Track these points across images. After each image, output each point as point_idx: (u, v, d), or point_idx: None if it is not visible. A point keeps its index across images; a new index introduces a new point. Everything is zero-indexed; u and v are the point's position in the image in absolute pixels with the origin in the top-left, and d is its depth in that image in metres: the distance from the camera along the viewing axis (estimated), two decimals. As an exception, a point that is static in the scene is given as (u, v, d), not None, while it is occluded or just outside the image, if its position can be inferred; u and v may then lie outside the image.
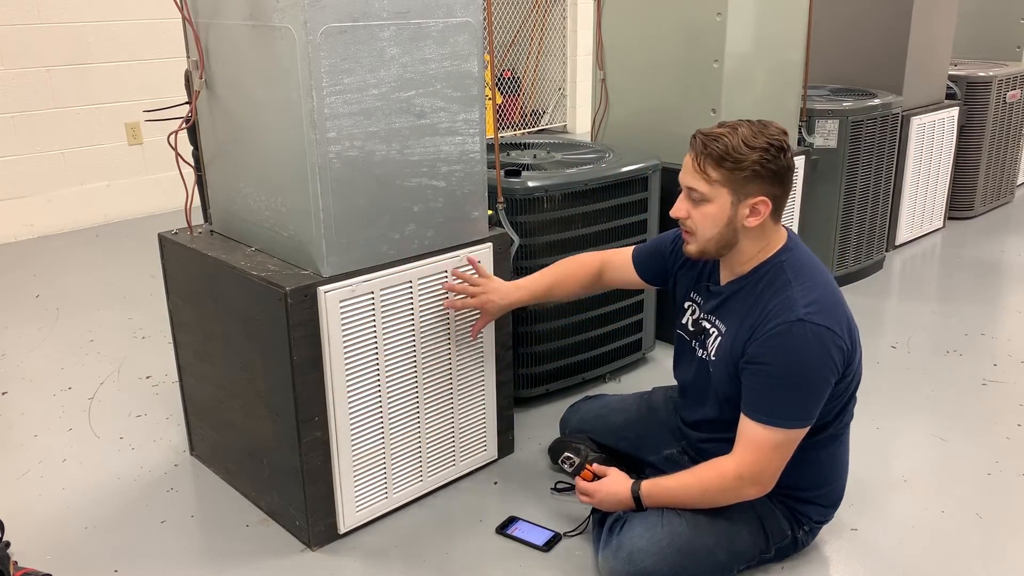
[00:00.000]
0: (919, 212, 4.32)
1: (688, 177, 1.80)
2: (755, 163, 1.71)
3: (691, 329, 2.00)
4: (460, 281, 2.11)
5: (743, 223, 1.77)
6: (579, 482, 2.01)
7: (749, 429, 1.77)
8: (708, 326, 1.93)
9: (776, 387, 1.74)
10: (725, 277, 1.91)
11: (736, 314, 1.85)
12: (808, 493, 1.93)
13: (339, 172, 1.90)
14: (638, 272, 2.15)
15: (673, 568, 1.81)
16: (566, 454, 2.19)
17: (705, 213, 1.79)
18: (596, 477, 2.01)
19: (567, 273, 2.20)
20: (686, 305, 2.04)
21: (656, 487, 1.89)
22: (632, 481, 1.93)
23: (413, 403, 2.14)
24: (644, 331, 2.95)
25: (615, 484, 1.95)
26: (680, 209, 1.84)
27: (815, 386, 1.74)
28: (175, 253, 2.28)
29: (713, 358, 1.90)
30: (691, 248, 1.87)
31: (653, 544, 1.82)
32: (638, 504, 1.90)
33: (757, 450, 1.77)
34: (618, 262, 2.18)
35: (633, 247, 2.19)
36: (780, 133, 1.76)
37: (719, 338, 1.89)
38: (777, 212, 1.81)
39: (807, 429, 1.78)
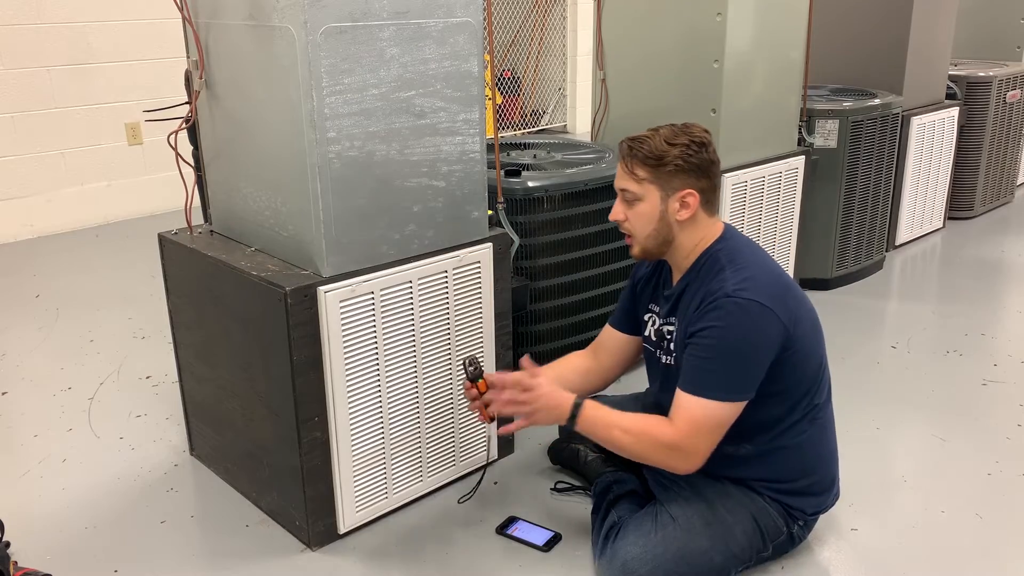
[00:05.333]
0: (919, 212, 4.32)
1: (620, 180, 1.91)
2: (677, 158, 1.83)
3: (654, 339, 2.03)
4: (505, 391, 1.87)
5: (675, 217, 1.87)
6: (518, 398, 1.83)
7: (685, 402, 1.78)
8: (668, 328, 1.96)
9: (708, 360, 1.78)
10: (675, 278, 1.97)
11: (685, 308, 1.90)
12: (796, 484, 1.92)
13: (339, 172, 1.90)
14: (617, 328, 2.14)
15: (669, 575, 1.81)
16: (470, 357, 1.99)
17: (639, 212, 1.89)
18: (481, 393, 1.94)
19: (563, 372, 2.12)
20: (646, 317, 2.07)
21: (596, 414, 1.82)
22: (575, 397, 1.84)
23: (413, 403, 2.14)
24: (644, 331, 2.95)
25: (557, 396, 1.84)
26: (617, 212, 1.94)
27: (746, 358, 1.77)
28: (175, 253, 2.28)
29: (675, 354, 1.93)
30: (634, 250, 1.95)
31: (647, 552, 1.82)
32: (571, 421, 1.82)
33: (693, 424, 1.77)
34: (602, 336, 2.18)
35: None
36: (702, 132, 1.89)
37: (676, 334, 1.92)
38: (708, 205, 1.90)
39: (742, 405, 1.79)
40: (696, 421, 1.77)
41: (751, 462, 1.91)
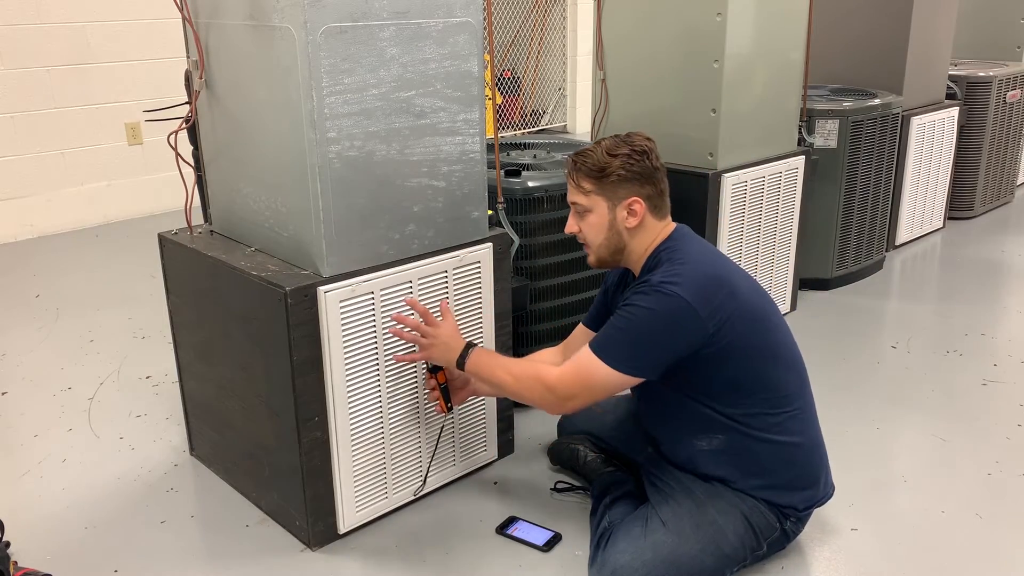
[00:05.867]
0: (919, 212, 4.32)
1: (570, 194, 1.98)
2: (619, 168, 1.89)
3: None
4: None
5: (624, 225, 1.93)
6: (421, 328, 2.02)
7: (583, 354, 1.85)
8: None
9: (618, 329, 1.84)
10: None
11: None
12: (778, 479, 1.91)
13: (339, 172, 1.90)
14: (588, 327, 2.19)
15: None
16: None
17: (590, 223, 1.96)
18: (444, 388, 2.10)
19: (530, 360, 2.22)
20: None
21: (484, 359, 1.98)
22: (467, 342, 2.01)
23: (413, 403, 2.14)
24: (644, 331, 2.95)
25: (456, 338, 2.01)
26: (571, 225, 2.00)
27: (651, 341, 1.81)
28: (175, 253, 2.28)
29: None
30: (591, 259, 2.01)
31: (636, 559, 1.82)
32: (460, 361, 1.98)
33: (578, 373, 1.84)
34: (575, 335, 2.23)
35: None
36: (644, 140, 1.94)
37: None
38: (656, 210, 1.95)
39: (629, 380, 1.83)
40: (581, 371, 1.84)
41: (729, 458, 1.90)
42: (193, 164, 2.36)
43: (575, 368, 1.85)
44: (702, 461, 1.93)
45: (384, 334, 2.03)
